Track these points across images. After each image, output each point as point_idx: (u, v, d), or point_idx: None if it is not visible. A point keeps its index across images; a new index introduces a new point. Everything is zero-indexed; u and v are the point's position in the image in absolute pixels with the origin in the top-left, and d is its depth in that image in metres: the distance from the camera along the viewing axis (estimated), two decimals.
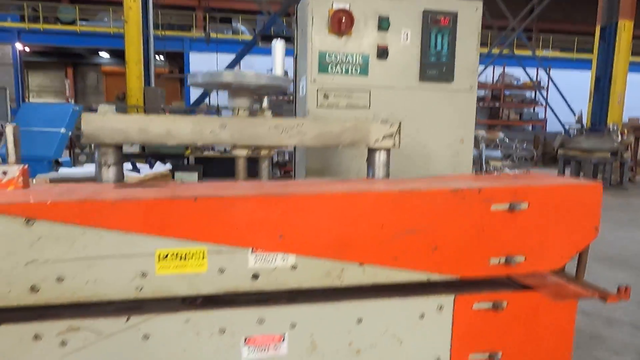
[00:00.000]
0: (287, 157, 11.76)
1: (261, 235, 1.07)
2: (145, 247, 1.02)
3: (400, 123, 1.39)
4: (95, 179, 1.29)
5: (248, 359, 1.11)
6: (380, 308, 1.16)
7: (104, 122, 1.22)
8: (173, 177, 10.60)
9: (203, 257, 1.05)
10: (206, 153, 11.51)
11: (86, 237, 0.99)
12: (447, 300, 1.19)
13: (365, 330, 1.16)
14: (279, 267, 1.09)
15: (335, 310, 1.14)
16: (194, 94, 22.09)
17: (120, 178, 1.28)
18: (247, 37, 20.56)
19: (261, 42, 14.24)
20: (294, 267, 1.10)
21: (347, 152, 1.81)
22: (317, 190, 1.12)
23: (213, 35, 20.84)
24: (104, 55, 23.34)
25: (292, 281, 1.11)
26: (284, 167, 11.58)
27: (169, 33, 20.19)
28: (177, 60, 21.43)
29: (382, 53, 1.76)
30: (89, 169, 10.32)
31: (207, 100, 15.92)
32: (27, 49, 20.40)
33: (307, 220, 1.08)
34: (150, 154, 10.89)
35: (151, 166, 11.15)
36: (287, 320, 1.12)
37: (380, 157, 1.42)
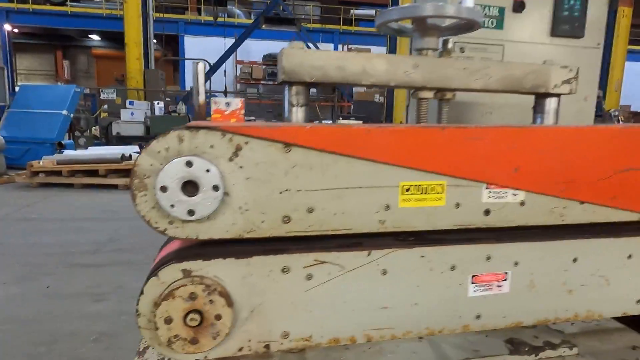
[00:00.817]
0: None
1: (497, 169, 1.05)
2: (391, 179, 0.99)
3: (578, 68, 1.37)
4: (283, 119, 1.25)
5: (473, 296, 1.10)
6: (595, 248, 1.16)
7: (304, 58, 1.17)
8: None
9: (442, 191, 1.03)
10: None
11: (338, 166, 0.96)
12: None
13: (578, 270, 1.16)
14: (509, 204, 1.07)
15: (555, 249, 1.13)
16: (189, 79, 21.66)
17: (308, 121, 1.24)
18: (243, 20, 20.21)
19: (265, 24, 14.02)
20: (522, 204, 1.08)
21: (479, 108, 1.79)
22: (547, 126, 1.10)
23: (208, 18, 20.41)
24: (95, 37, 22.70)
25: (519, 218, 1.09)
26: None
27: (163, 15, 19.70)
28: (171, 45, 21.00)
29: (519, 6, 1.74)
30: (94, 151, 10.03)
31: (208, 85, 15.60)
32: (16, 30, 19.71)
33: (540, 155, 1.07)
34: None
35: None
36: (511, 258, 1.10)
37: (551, 104, 1.41)
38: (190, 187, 0.86)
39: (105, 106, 13.24)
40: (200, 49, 19.01)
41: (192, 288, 0.88)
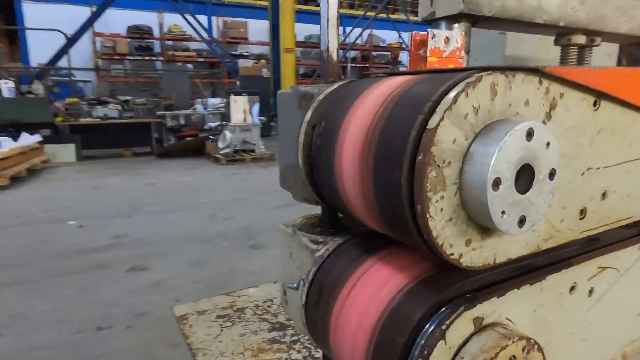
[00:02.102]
0: (181, 121, 10.65)
1: None
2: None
3: None
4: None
5: None
6: None
7: None
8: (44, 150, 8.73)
9: None
10: (83, 120, 9.70)
11: (635, 127, 0.66)
12: None
13: None
14: None
15: None
16: (35, 53, 18.44)
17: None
18: None
19: None
20: None
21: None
22: None
23: None
24: None
25: None
26: (179, 133, 10.48)
27: None
28: (4, 12, 17.29)
29: None
30: None
31: (67, 61, 13.39)
32: None
33: None
34: (10, 123, 8.70)
35: (15, 139, 9.14)
36: None
37: None
38: (522, 176, 0.48)
39: None
40: (46, 18, 16.02)
41: (512, 349, 0.51)
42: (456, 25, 0.84)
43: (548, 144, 0.48)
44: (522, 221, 0.48)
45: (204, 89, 13.81)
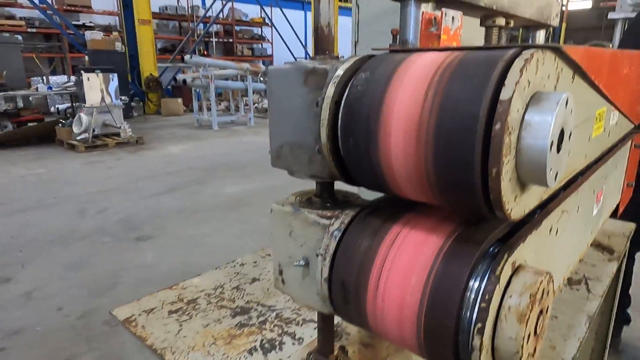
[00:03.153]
0: (19, 104, 9.08)
1: (621, 92, 1.11)
2: (596, 106, 0.92)
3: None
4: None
5: (594, 214, 1.17)
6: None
7: None
8: None
9: (603, 118, 1.02)
10: None
11: (587, 97, 0.81)
12: None
13: None
14: (613, 125, 1.16)
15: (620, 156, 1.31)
16: None
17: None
18: None
19: None
20: (616, 124, 1.19)
21: None
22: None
23: None
24: None
25: (614, 137, 1.20)
26: (17, 118, 8.91)
27: None
28: None
29: None
30: None
31: None
32: None
33: (624, 77, 1.18)
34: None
35: None
36: (605, 174, 1.22)
37: (541, 36, 1.55)
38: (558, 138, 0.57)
39: None
40: None
41: (544, 283, 0.62)
42: (424, 4, 0.91)
43: (572, 110, 0.59)
44: (556, 176, 0.58)
45: (42, 65, 11.88)
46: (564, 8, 22.36)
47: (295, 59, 17.52)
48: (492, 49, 0.59)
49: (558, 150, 0.57)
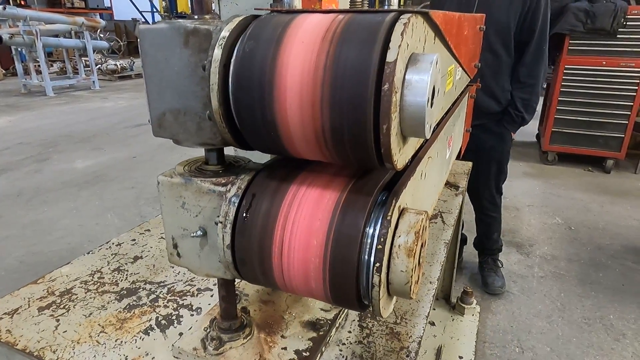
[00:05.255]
0: None
1: (465, 50, 1.28)
2: (448, 64, 1.05)
3: None
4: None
5: (447, 157, 1.36)
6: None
7: None
8: None
9: (452, 74, 1.17)
10: None
11: (443, 57, 0.92)
12: None
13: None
14: (459, 79, 1.34)
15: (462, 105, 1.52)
16: None
17: None
18: None
19: None
20: (460, 79, 1.38)
21: None
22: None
23: None
24: None
25: (458, 90, 1.39)
26: None
27: None
28: None
29: None
30: None
31: None
32: None
33: (465, 36, 1.36)
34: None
35: None
36: (453, 121, 1.42)
37: None
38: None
39: None
40: None
41: (424, 221, 0.72)
42: None
43: (439, 69, 0.67)
44: (431, 127, 0.67)
45: None
46: None
47: (141, 13, 15.77)
48: (373, 12, 0.63)
49: (431, 105, 0.65)
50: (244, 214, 0.74)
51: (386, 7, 1.00)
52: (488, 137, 2.71)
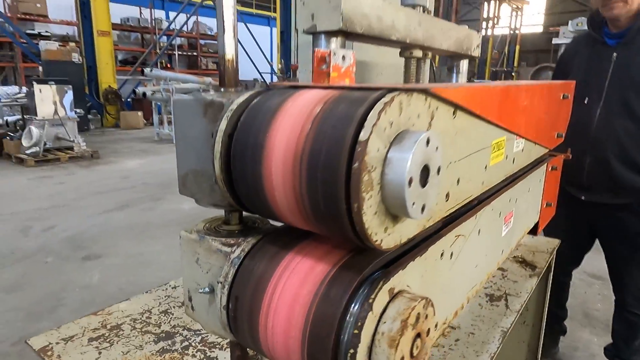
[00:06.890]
0: None
1: (523, 121, 1.19)
2: (491, 137, 0.98)
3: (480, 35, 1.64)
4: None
5: (503, 235, 1.24)
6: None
7: (357, 3, 0.94)
8: None
9: (503, 146, 1.09)
10: None
11: (478, 130, 0.88)
12: None
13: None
14: (518, 152, 1.24)
15: (531, 181, 1.40)
16: None
17: None
18: None
19: None
20: (522, 150, 1.27)
21: (375, 68, 1.88)
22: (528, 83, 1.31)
23: None
24: None
25: (520, 163, 1.28)
26: None
27: None
28: None
29: None
30: None
31: None
32: None
33: (531, 108, 1.27)
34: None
35: None
36: (514, 196, 1.30)
37: (464, 65, 1.65)
38: (422, 174, 0.62)
39: None
40: None
41: (418, 308, 0.66)
42: (334, 38, 0.96)
43: (437, 147, 0.63)
44: (423, 208, 0.62)
45: None
46: (517, 32, 23.61)
47: (260, 74, 17.50)
48: (366, 90, 0.63)
49: (424, 184, 0.62)
50: (241, 278, 0.76)
51: (400, 85, 0.98)
52: (634, 221, 2.23)
